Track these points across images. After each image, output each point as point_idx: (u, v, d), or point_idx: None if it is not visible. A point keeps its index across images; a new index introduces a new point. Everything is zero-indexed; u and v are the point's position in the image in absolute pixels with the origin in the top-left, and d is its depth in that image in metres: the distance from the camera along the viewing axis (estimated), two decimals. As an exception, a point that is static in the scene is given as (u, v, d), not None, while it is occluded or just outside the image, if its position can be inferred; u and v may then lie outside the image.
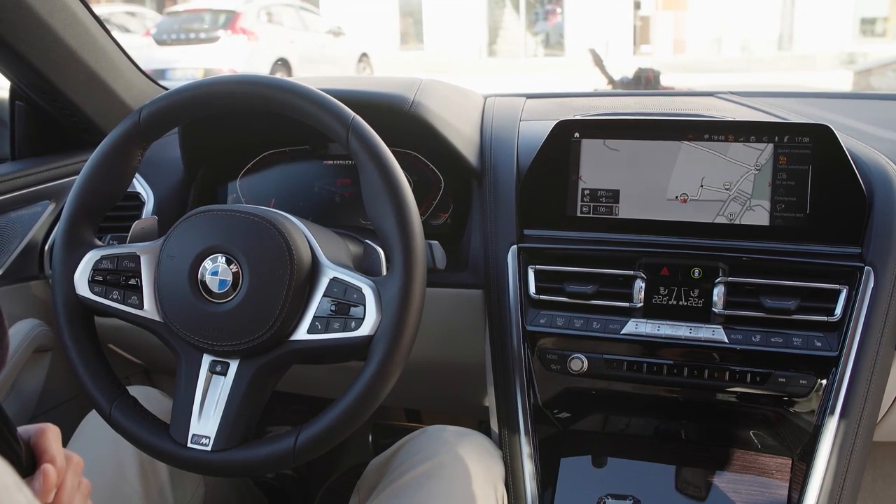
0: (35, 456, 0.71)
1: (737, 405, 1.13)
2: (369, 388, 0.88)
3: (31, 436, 0.72)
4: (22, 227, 1.37)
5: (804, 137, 1.10)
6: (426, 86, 1.26)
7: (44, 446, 0.71)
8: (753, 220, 1.11)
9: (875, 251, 1.06)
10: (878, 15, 16.46)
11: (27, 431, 0.72)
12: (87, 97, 1.41)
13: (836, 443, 1.05)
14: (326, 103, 0.94)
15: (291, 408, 1.85)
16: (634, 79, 6.80)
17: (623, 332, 1.12)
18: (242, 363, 0.93)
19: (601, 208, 1.17)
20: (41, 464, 0.70)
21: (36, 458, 0.71)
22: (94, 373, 0.97)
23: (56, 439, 0.73)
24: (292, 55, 11.04)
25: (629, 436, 1.23)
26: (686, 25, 17.10)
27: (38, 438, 0.72)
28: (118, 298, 0.97)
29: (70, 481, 0.73)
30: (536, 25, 18.88)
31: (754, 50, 15.77)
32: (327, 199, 1.37)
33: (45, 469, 0.69)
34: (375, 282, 0.91)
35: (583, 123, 1.18)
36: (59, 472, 0.71)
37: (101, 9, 13.00)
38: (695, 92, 1.87)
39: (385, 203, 0.91)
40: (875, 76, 8.44)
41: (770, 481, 1.12)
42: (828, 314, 1.07)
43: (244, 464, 0.91)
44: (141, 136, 1.00)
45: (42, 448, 0.71)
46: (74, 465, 0.75)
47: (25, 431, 0.72)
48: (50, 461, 0.70)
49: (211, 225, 0.93)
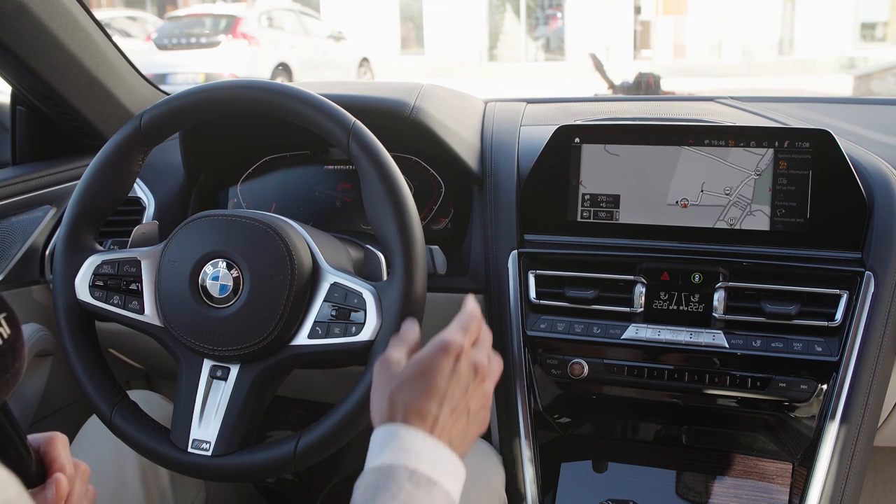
0: (45, 464, 0.72)
1: (737, 410, 1.12)
2: (370, 393, 0.88)
3: (41, 444, 0.73)
4: (23, 232, 1.37)
5: (804, 142, 1.10)
6: (427, 91, 1.26)
7: (53, 455, 0.73)
8: (754, 225, 1.11)
9: (875, 256, 1.06)
10: (879, 20, 16.48)
11: (36, 440, 0.73)
12: (89, 102, 1.41)
13: (837, 448, 1.05)
14: (327, 108, 0.94)
15: (292, 413, 1.85)
16: (635, 83, 6.82)
17: (623, 336, 1.12)
18: (243, 368, 0.93)
19: (602, 213, 1.17)
20: (51, 472, 0.71)
21: (46, 467, 0.72)
22: (95, 377, 0.97)
23: (65, 448, 0.74)
24: (293, 60, 11.06)
25: (630, 440, 1.23)
26: (686, 30, 17.12)
27: (47, 447, 0.73)
28: (119, 303, 0.97)
29: (78, 489, 0.74)
30: (537, 30, 18.90)
31: (755, 54, 15.78)
32: (328, 204, 1.37)
33: (58, 478, 0.70)
34: (376, 287, 0.91)
35: (583, 128, 1.18)
36: (69, 480, 0.72)
37: (102, 13, 13.03)
38: (695, 97, 1.87)
39: (386, 208, 0.91)
40: (875, 81, 8.46)
41: (771, 486, 1.12)
42: (828, 319, 1.07)
43: (245, 469, 0.91)
44: (142, 141, 1.00)
45: (52, 457, 0.73)
46: (82, 472, 0.76)
47: (35, 440, 0.73)
48: (60, 469, 0.72)
49: (212, 230, 0.93)
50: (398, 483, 0.64)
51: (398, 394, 0.70)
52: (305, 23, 11.97)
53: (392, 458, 0.67)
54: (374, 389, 0.74)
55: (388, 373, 0.73)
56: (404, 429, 0.68)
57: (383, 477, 0.65)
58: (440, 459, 0.68)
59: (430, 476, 0.66)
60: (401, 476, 0.65)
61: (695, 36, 16.97)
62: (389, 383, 0.72)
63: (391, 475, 0.65)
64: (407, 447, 0.67)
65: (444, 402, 0.71)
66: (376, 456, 0.68)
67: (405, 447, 0.67)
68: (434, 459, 0.67)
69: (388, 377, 0.72)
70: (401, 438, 0.68)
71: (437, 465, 0.67)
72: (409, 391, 0.70)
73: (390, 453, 0.67)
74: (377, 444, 0.69)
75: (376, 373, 0.74)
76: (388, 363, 0.74)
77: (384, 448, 0.68)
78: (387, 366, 0.74)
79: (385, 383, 0.72)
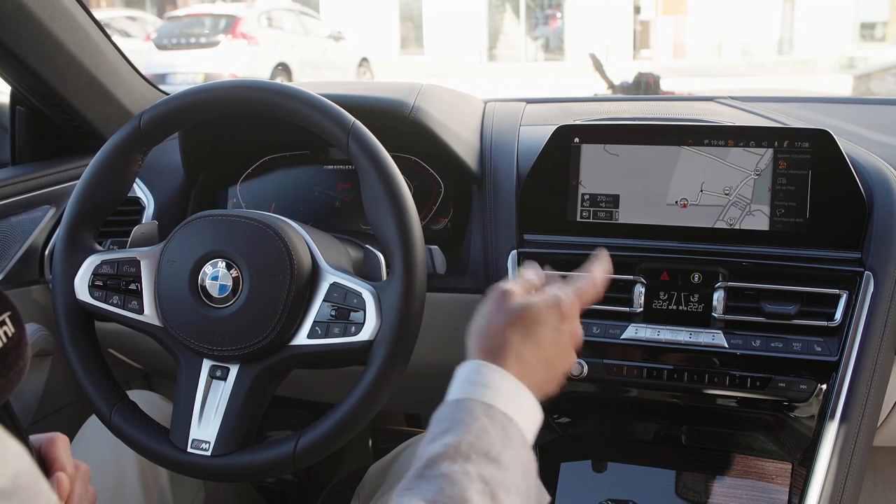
0: (46, 464, 0.72)
1: (737, 410, 1.12)
2: (369, 393, 0.88)
3: (42, 445, 0.73)
4: (22, 232, 1.37)
5: (804, 142, 1.10)
6: (426, 91, 1.26)
7: (54, 455, 0.73)
8: (753, 225, 1.11)
9: (875, 256, 1.06)
10: (878, 20, 16.49)
11: (37, 440, 0.73)
12: (88, 102, 1.41)
13: (837, 447, 1.05)
14: (327, 108, 0.94)
15: (291, 412, 1.85)
16: (634, 83, 6.82)
17: (623, 336, 1.12)
18: (242, 368, 0.93)
19: (601, 213, 1.17)
20: (52, 472, 0.71)
21: (47, 467, 0.72)
22: (95, 377, 0.97)
23: (66, 448, 0.74)
24: (293, 60, 11.07)
25: (629, 440, 1.23)
26: (686, 30, 17.13)
27: (48, 447, 0.73)
28: (118, 303, 0.97)
29: (79, 489, 0.74)
30: (537, 30, 18.90)
31: (754, 54, 15.79)
32: (327, 203, 1.37)
33: (59, 477, 0.71)
34: (375, 287, 0.91)
35: (583, 128, 1.18)
36: (71, 480, 0.72)
37: (101, 13, 13.03)
38: (695, 97, 1.87)
39: (385, 208, 0.91)
40: (875, 81, 8.46)
41: (770, 486, 1.12)
42: (828, 319, 1.07)
43: (244, 469, 0.91)
44: (141, 141, 1.00)
45: (53, 457, 0.73)
46: (82, 473, 0.76)
47: (36, 440, 0.73)
48: (61, 469, 0.72)
49: (211, 230, 0.93)
50: (473, 415, 0.66)
51: (505, 329, 0.74)
52: (305, 23, 11.97)
53: (471, 392, 0.69)
54: (481, 314, 0.77)
55: (503, 304, 0.76)
56: (491, 368, 0.70)
57: (460, 409, 0.67)
58: (519, 399, 0.70)
59: (507, 412, 0.68)
60: (477, 409, 0.67)
61: (694, 36, 16.98)
62: (500, 314, 0.75)
63: (467, 408, 0.67)
64: (487, 383, 0.69)
65: (539, 352, 0.74)
66: (458, 390, 0.70)
67: (486, 383, 0.69)
68: (513, 398, 0.69)
69: (501, 308, 0.76)
70: (484, 375, 0.70)
71: (514, 404, 0.69)
72: (512, 330, 0.73)
73: (471, 388, 0.69)
74: (461, 379, 0.71)
75: (492, 299, 0.77)
76: (506, 295, 0.77)
77: (466, 383, 0.70)
78: (504, 297, 0.76)
79: (496, 312, 0.76)
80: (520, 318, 0.74)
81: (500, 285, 0.78)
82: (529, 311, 0.75)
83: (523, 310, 0.75)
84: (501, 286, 0.78)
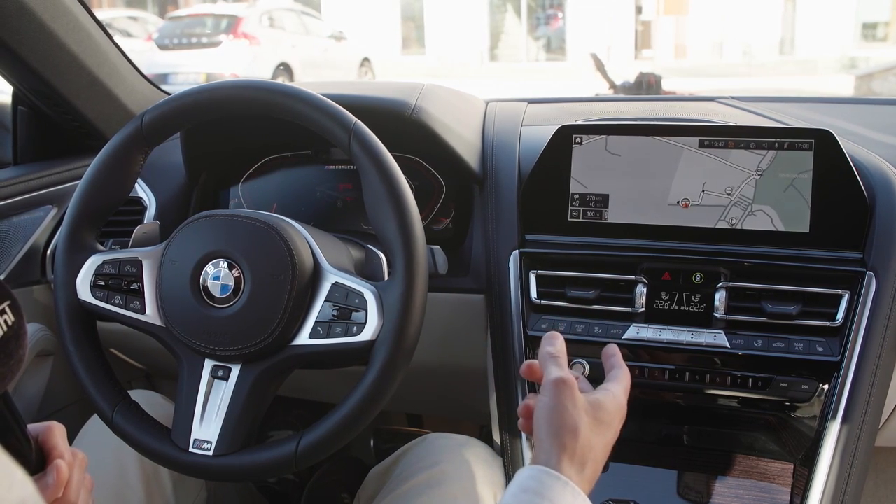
0: (44, 453, 0.73)
1: (738, 410, 1.12)
2: (371, 393, 0.88)
3: (40, 434, 0.74)
4: (24, 232, 1.37)
5: (806, 142, 1.10)
6: (428, 91, 1.26)
7: (52, 443, 0.74)
8: (755, 225, 1.11)
9: (877, 256, 1.06)
10: (880, 20, 16.47)
11: (35, 429, 0.74)
12: (90, 102, 1.41)
13: (838, 448, 1.04)
14: (328, 108, 0.94)
15: (293, 412, 1.85)
16: (636, 83, 6.81)
17: (625, 336, 1.12)
18: (244, 368, 0.93)
19: (600, 213, 1.17)
20: (50, 460, 0.72)
21: (45, 455, 0.73)
22: (96, 377, 0.97)
23: (63, 436, 0.75)
24: (294, 60, 11.08)
25: (630, 440, 1.22)
26: (687, 30, 17.12)
27: (46, 436, 0.74)
28: (120, 303, 0.97)
29: (77, 476, 0.75)
30: (538, 30, 18.90)
31: (756, 54, 15.78)
32: (329, 203, 1.37)
33: (58, 464, 0.72)
34: (377, 287, 0.91)
35: (584, 128, 1.18)
36: (69, 466, 0.73)
37: (103, 13, 13.03)
38: (696, 97, 1.86)
39: (387, 208, 0.91)
40: (876, 80, 8.46)
41: (772, 486, 1.12)
42: (829, 319, 1.07)
43: (246, 469, 0.91)
44: (143, 141, 1.00)
45: (50, 445, 0.74)
46: (80, 461, 0.77)
47: (34, 429, 0.74)
48: (59, 457, 0.73)
49: (213, 230, 0.93)
50: None
51: (584, 433, 0.74)
52: (306, 23, 11.98)
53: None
54: (550, 408, 0.76)
55: (573, 397, 0.76)
56: (552, 476, 0.70)
57: None
58: None
59: None
60: None
61: (696, 36, 16.97)
62: (574, 409, 0.75)
63: None
64: (552, 497, 0.69)
65: (607, 445, 0.78)
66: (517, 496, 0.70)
67: (550, 496, 0.69)
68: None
69: (576, 403, 0.76)
70: (550, 488, 0.70)
71: None
72: (590, 433, 0.75)
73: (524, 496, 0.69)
74: (523, 487, 0.70)
75: (556, 392, 0.76)
76: (571, 387, 0.77)
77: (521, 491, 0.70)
78: (570, 390, 0.76)
79: (570, 407, 0.75)
80: (595, 420, 0.77)
81: (556, 376, 0.77)
82: (602, 411, 0.78)
83: (597, 411, 0.77)
84: (558, 376, 0.77)
